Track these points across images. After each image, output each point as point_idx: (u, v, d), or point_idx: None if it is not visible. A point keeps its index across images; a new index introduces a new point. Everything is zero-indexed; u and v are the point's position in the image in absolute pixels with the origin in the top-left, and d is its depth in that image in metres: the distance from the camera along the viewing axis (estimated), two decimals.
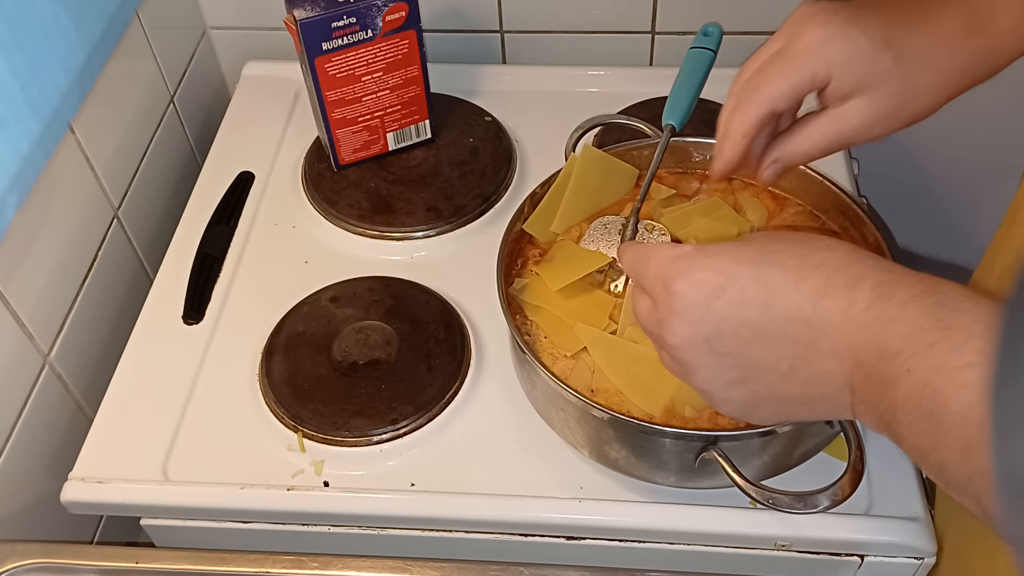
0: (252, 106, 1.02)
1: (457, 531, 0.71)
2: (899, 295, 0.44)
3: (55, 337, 0.80)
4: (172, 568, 0.64)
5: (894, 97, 0.55)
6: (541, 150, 0.94)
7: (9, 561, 0.64)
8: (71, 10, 0.76)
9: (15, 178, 0.70)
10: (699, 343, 0.49)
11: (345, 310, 0.80)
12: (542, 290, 0.73)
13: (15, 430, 0.74)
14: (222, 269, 0.86)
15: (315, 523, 0.72)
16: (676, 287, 0.50)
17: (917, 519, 0.68)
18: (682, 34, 1.03)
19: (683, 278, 0.50)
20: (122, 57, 0.88)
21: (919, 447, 0.43)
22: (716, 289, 0.48)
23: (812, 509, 0.61)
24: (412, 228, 0.87)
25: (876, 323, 0.44)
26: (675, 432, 0.63)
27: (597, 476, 0.71)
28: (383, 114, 0.90)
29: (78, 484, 0.72)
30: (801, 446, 0.67)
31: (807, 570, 0.71)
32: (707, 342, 0.49)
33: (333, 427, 0.73)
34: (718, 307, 0.48)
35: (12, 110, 0.69)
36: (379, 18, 0.83)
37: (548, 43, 1.05)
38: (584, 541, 0.71)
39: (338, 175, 0.92)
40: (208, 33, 1.08)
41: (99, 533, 0.84)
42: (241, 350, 0.79)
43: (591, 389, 0.68)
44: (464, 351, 0.77)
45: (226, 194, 0.92)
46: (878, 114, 0.55)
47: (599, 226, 0.75)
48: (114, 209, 0.89)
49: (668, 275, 0.50)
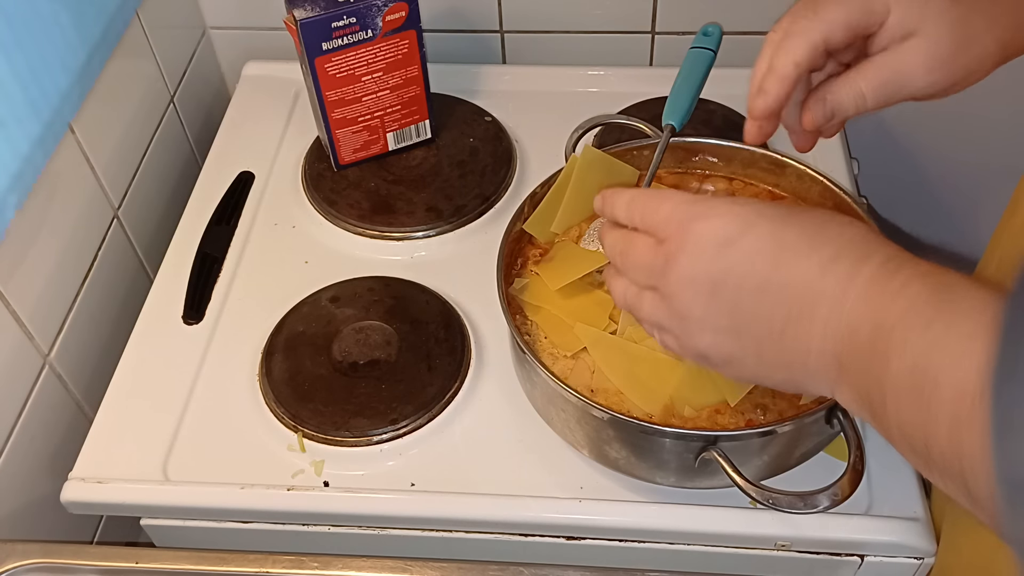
0: (252, 106, 1.02)
1: (457, 531, 0.71)
2: (904, 272, 0.44)
3: (55, 337, 0.80)
4: (172, 568, 0.64)
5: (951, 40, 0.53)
6: (541, 150, 0.94)
7: (9, 561, 0.64)
8: (71, 10, 0.76)
9: (15, 178, 0.70)
10: (703, 284, 0.49)
11: (345, 310, 0.80)
12: (542, 290, 0.73)
13: (15, 430, 0.74)
14: (222, 269, 0.86)
15: (315, 523, 0.72)
16: (696, 226, 0.49)
17: (917, 519, 0.68)
18: (682, 34, 1.03)
19: (704, 220, 0.50)
20: (122, 57, 0.88)
21: (905, 426, 0.42)
22: (734, 235, 0.49)
23: (812, 509, 0.61)
24: (412, 228, 0.87)
25: (877, 296, 0.44)
26: (675, 432, 0.63)
27: (597, 476, 0.71)
28: (383, 114, 0.90)
29: (78, 484, 0.72)
30: (801, 446, 0.67)
31: (807, 570, 0.71)
32: (711, 284, 0.49)
33: (333, 427, 0.73)
34: (731, 253, 0.49)
35: (12, 110, 0.69)
36: (379, 18, 0.83)
37: (548, 43, 1.05)
38: (584, 541, 0.71)
39: (338, 175, 0.92)
40: (208, 33, 1.08)
41: (99, 533, 0.84)
42: (241, 350, 0.79)
43: (591, 389, 0.68)
44: (464, 351, 0.77)
45: (226, 194, 0.92)
46: (937, 56, 0.53)
47: (599, 226, 0.75)
48: (114, 209, 0.89)
49: (688, 214, 0.50)
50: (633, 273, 0.54)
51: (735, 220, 0.49)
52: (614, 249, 0.56)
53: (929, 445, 0.41)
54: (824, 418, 0.64)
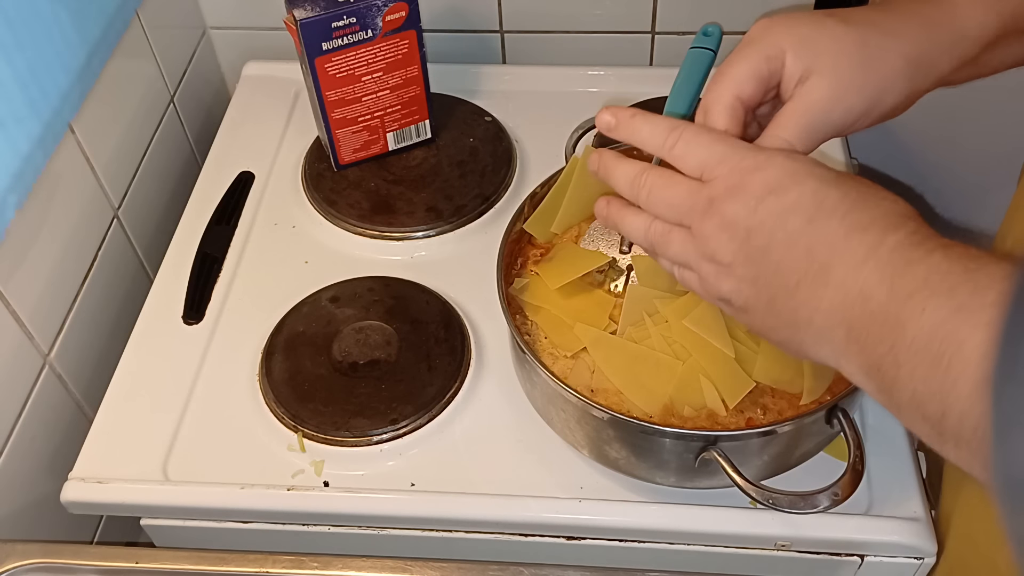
0: (252, 106, 1.02)
1: (457, 531, 0.71)
2: (928, 244, 0.45)
3: (55, 337, 0.80)
4: (172, 568, 0.64)
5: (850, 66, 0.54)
6: (541, 150, 0.94)
7: (9, 561, 0.64)
8: (71, 10, 0.76)
9: (15, 178, 0.70)
10: (739, 230, 0.49)
11: (345, 310, 0.80)
12: (542, 290, 0.73)
13: (15, 430, 0.74)
14: (222, 269, 0.86)
15: (315, 523, 0.72)
16: (749, 177, 0.49)
17: (917, 519, 0.68)
18: (682, 34, 1.03)
19: (759, 172, 0.49)
20: (122, 57, 0.88)
21: (919, 394, 0.42)
22: (780, 188, 0.49)
23: (812, 509, 0.61)
24: (412, 228, 0.87)
25: (897, 262, 0.44)
26: (675, 432, 0.63)
27: (597, 476, 0.71)
28: (383, 114, 0.90)
29: (78, 484, 0.72)
30: (801, 446, 0.67)
31: (807, 570, 0.71)
32: (746, 231, 0.49)
33: (333, 427, 0.73)
34: (771, 204, 0.49)
35: (12, 110, 0.69)
36: (379, 18, 0.83)
37: (548, 43, 1.05)
38: (584, 541, 0.71)
39: (338, 175, 0.92)
40: (208, 33, 1.08)
41: (99, 533, 0.84)
42: (241, 350, 0.79)
43: (591, 389, 0.68)
44: (464, 351, 0.78)
45: (226, 194, 0.92)
46: (840, 86, 0.54)
47: (599, 226, 0.75)
48: (114, 209, 0.89)
49: (744, 163, 0.50)
50: (663, 209, 0.53)
51: (787, 175, 0.49)
52: (639, 181, 0.54)
53: (946, 412, 0.41)
54: (824, 418, 0.64)
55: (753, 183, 0.49)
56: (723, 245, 0.50)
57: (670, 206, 0.53)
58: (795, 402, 0.66)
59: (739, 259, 0.50)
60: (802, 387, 0.65)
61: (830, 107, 0.54)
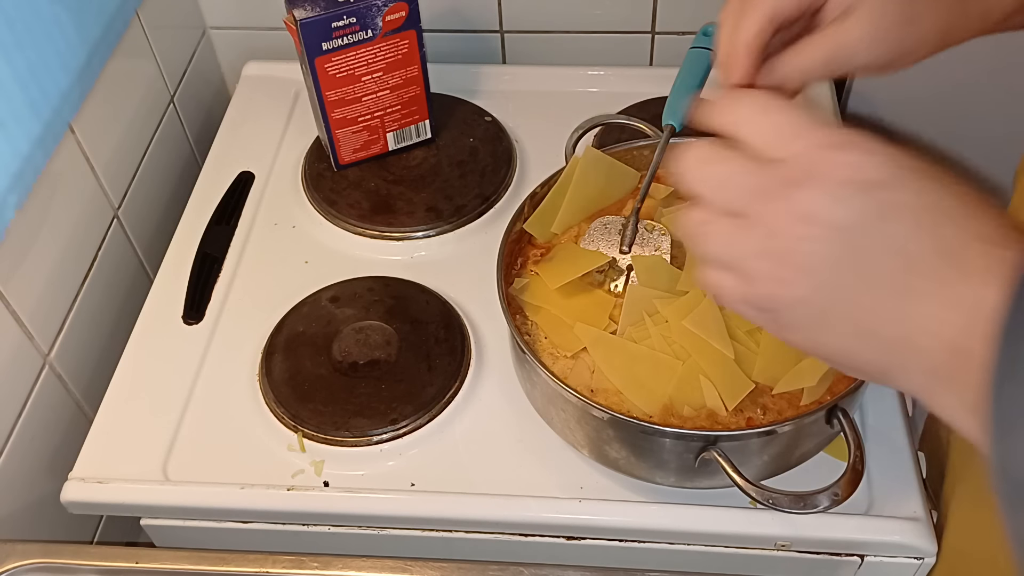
0: (252, 106, 1.02)
1: (457, 531, 0.71)
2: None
3: (55, 337, 0.80)
4: (172, 568, 0.64)
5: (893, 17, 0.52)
6: (541, 150, 0.94)
7: (9, 561, 0.64)
8: (71, 10, 0.76)
9: (15, 178, 0.70)
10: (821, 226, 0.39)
11: (345, 310, 0.80)
12: (542, 290, 0.73)
13: (15, 430, 0.74)
14: (222, 269, 0.86)
15: (315, 523, 0.72)
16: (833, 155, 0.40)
17: (917, 519, 0.68)
18: (682, 34, 1.03)
19: (844, 151, 0.40)
20: (122, 57, 0.88)
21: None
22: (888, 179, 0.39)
23: (812, 509, 0.61)
24: (412, 228, 0.87)
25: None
26: (675, 432, 0.63)
27: (597, 476, 0.71)
28: (383, 114, 0.90)
29: (78, 484, 0.72)
30: (801, 446, 0.67)
31: (807, 570, 0.71)
32: (833, 229, 0.39)
33: (333, 427, 0.73)
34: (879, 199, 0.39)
35: (12, 110, 0.69)
36: (379, 18, 0.83)
37: (548, 43, 1.05)
38: (584, 541, 0.71)
39: (338, 175, 0.92)
40: (208, 33, 1.08)
41: (99, 533, 0.84)
42: (241, 350, 0.79)
43: (591, 389, 0.68)
44: (464, 351, 0.77)
45: (226, 194, 0.92)
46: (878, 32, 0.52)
47: (599, 226, 0.75)
48: (114, 209, 0.89)
49: (834, 139, 0.40)
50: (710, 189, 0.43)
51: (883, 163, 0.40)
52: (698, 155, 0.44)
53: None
54: (824, 418, 0.64)
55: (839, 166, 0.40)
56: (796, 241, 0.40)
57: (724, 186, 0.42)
58: (795, 402, 0.66)
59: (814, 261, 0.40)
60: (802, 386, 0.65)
61: (861, 49, 0.52)
